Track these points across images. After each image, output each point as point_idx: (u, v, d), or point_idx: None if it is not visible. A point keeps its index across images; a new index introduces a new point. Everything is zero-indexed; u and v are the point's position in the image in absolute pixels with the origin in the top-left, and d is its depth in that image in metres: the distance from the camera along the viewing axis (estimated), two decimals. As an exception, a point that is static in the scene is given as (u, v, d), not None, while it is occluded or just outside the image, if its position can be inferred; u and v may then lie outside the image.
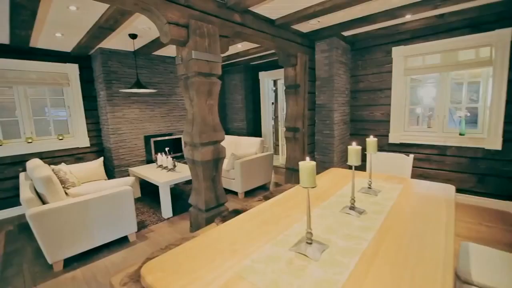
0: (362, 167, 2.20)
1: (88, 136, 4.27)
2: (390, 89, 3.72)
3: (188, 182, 4.36)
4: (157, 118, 4.59)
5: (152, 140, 4.52)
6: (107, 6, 2.38)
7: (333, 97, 3.57)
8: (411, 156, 2.36)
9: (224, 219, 2.00)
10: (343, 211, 1.46)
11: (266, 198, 2.51)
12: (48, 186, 2.24)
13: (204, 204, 2.24)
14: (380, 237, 1.18)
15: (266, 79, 5.50)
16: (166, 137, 4.72)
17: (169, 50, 4.18)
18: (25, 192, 2.26)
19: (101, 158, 3.78)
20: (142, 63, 4.30)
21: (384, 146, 3.83)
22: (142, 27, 3.04)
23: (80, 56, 4.09)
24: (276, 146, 5.98)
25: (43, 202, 2.32)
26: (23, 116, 3.71)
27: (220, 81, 2.27)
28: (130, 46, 3.82)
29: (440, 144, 3.41)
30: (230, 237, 1.24)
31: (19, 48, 3.49)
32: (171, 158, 3.73)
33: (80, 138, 4.18)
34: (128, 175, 4.26)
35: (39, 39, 3.30)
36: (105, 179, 3.74)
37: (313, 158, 3.87)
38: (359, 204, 1.54)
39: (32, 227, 2.09)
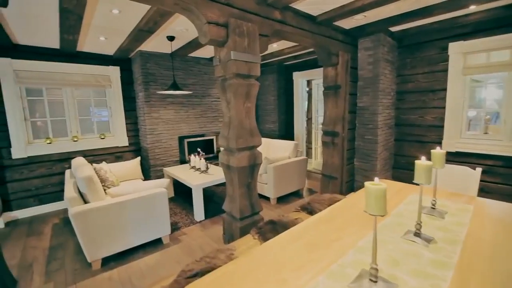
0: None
1: (127, 136, 4.44)
2: (444, 90, 3.30)
3: (220, 184, 4.31)
4: (190, 119, 4.63)
5: (185, 140, 4.56)
6: (147, 8, 2.38)
7: (378, 98, 3.26)
8: (479, 170, 2.01)
9: (260, 231, 1.87)
10: (406, 238, 1.24)
11: (304, 208, 2.33)
12: (89, 185, 2.30)
13: (238, 212, 2.13)
14: (462, 278, 0.95)
15: (300, 79, 5.28)
16: (199, 138, 4.74)
17: (204, 52, 4.17)
18: (69, 191, 2.35)
19: (138, 158, 3.89)
20: (178, 65, 4.36)
21: (436, 154, 3.41)
22: (179, 29, 3.03)
23: (121, 59, 4.26)
24: (308, 149, 5.72)
25: (85, 200, 2.39)
26: (70, 116, 3.95)
27: (259, 83, 2.14)
28: (167, 48, 3.87)
29: (507, 155, 2.93)
30: (274, 261, 1.10)
31: (68, 52, 3.71)
32: (204, 160, 3.70)
33: (120, 138, 4.36)
34: (163, 175, 4.34)
35: (85, 43, 3.47)
36: (142, 178, 3.84)
37: (352, 164, 3.59)
38: (424, 228, 1.30)
39: (74, 225, 2.15)
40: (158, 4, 1.73)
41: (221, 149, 4.61)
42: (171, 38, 3.33)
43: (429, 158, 1.31)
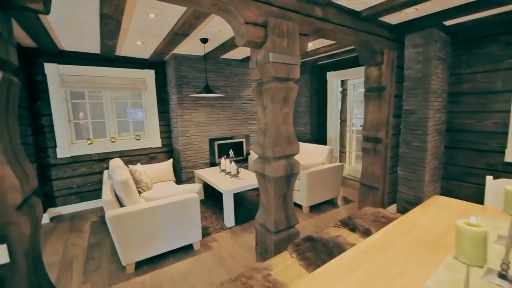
0: (463, 191, 1.63)
1: (160, 137, 4.53)
2: (509, 92, 2.85)
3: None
4: (221, 121, 4.59)
5: (216, 143, 4.54)
6: (182, 11, 2.35)
7: (427, 101, 2.91)
8: None
9: (299, 249, 1.71)
10: (488, 279, 1.00)
11: (344, 224, 2.12)
12: (125, 189, 2.32)
13: (273, 224, 1.99)
14: None
15: (334, 79, 5.00)
16: (229, 141, 4.70)
17: (236, 53, 4.10)
18: (106, 193, 2.40)
19: (171, 160, 3.93)
20: (209, 67, 4.34)
21: (498, 166, 2.96)
22: (213, 31, 2.98)
23: (156, 62, 4.35)
24: (341, 153, 5.40)
25: (120, 203, 2.42)
26: (109, 118, 4.11)
27: (298, 86, 1.98)
28: (199, 50, 3.86)
29: None
30: (325, 298, 0.94)
31: (107, 57, 3.86)
32: (235, 164, 3.62)
33: (154, 139, 4.46)
34: (193, 177, 4.36)
35: (123, 48, 3.57)
36: (174, 180, 3.88)
37: (394, 174, 3.26)
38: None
39: (110, 228, 2.18)
40: (195, 5, 1.65)
41: (251, 151, 4.53)
42: (204, 41, 3.29)
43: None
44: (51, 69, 3.52)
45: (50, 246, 2.84)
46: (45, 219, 3.50)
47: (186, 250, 2.62)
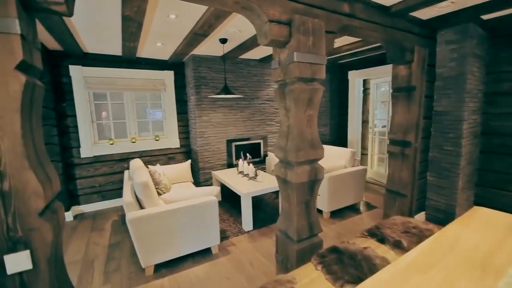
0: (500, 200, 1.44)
1: (179, 138, 4.55)
2: (559, 90, 2.57)
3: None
4: (238, 122, 4.54)
5: (233, 144, 4.50)
6: (202, 11, 2.31)
7: (462, 102, 2.69)
8: None
9: (324, 261, 1.61)
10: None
11: (372, 234, 1.99)
12: (144, 191, 2.31)
13: (295, 233, 1.89)
14: None
15: (356, 78, 4.80)
16: (247, 142, 4.64)
17: (254, 53, 4.03)
18: (126, 195, 2.41)
19: (189, 161, 3.94)
20: (228, 67, 4.30)
21: (543, 172, 2.69)
22: (232, 31, 2.92)
23: (175, 63, 4.37)
24: (363, 155, 5.19)
25: (140, 204, 2.42)
26: (130, 118, 4.18)
27: (323, 87, 1.87)
28: (218, 51, 3.83)
29: None
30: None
31: (128, 59, 3.92)
32: (253, 166, 3.56)
33: (172, 139, 4.49)
34: (211, 178, 4.34)
35: (143, 50, 3.61)
36: (192, 181, 3.87)
37: (424, 180, 3.05)
38: None
39: (130, 230, 2.18)
40: (218, 4, 1.60)
41: (269, 153, 4.44)
42: (223, 41, 3.24)
43: None
44: (75, 71, 3.62)
45: (73, 245, 2.91)
46: (69, 216, 3.61)
47: (204, 253, 2.58)
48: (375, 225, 2.15)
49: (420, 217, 3.09)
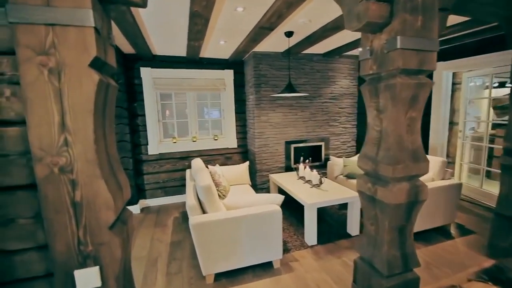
0: None
1: (236, 138, 4.48)
2: None
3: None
4: (298, 122, 4.23)
5: (292, 146, 4.21)
6: (272, 2, 2.08)
7: None
8: None
9: (435, 314, 1.21)
10: None
11: (496, 280, 1.47)
12: (207, 195, 2.21)
13: (385, 265, 1.51)
14: None
15: (445, 71, 3.98)
16: (307, 144, 4.29)
17: (319, 47, 3.65)
18: (189, 197, 2.34)
19: (247, 163, 3.80)
20: (289, 64, 4.01)
21: None
22: (301, 21, 2.63)
23: (235, 62, 4.29)
24: (448, 163, 4.30)
25: (202, 207, 2.33)
26: (191, 118, 4.26)
27: (433, 81, 1.44)
28: (280, 47, 3.59)
29: None
30: None
31: (192, 59, 3.97)
32: (316, 171, 3.21)
33: (230, 139, 4.44)
34: (268, 181, 4.14)
35: (206, 49, 3.58)
36: (249, 184, 3.73)
37: (557, 203, 2.26)
38: None
39: (192, 235, 2.09)
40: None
41: (331, 157, 4.00)
42: (289, 34, 2.97)
43: None
44: (146, 73, 3.82)
45: (140, 239, 3.03)
46: (136, 209, 3.84)
47: (265, 267, 2.37)
48: (494, 265, 1.61)
49: (549, 253, 2.30)
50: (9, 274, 0.94)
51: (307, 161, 4.04)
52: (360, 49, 1.60)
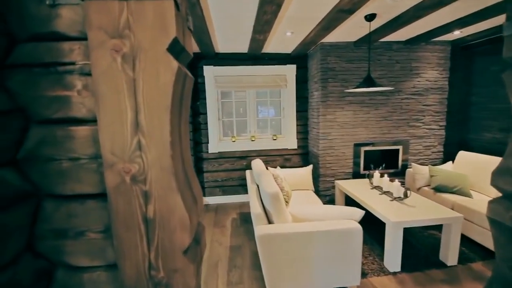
0: None
1: (296, 138, 4.17)
2: None
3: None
4: (371, 122, 3.68)
5: (362, 149, 3.69)
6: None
7: None
8: None
9: None
10: None
11: None
12: (275, 204, 1.97)
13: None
14: None
15: None
16: (379, 147, 3.72)
17: (401, 33, 3.06)
18: (254, 205, 2.15)
19: (310, 167, 3.46)
20: (362, 54, 3.51)
21: None
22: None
23: (298, 56, 3.97)
24: None
25: (267, 215, 2.11)
26: (250, 116, 4.12)
27: None
28: (353, 35, 3.14)
29: None
30: None
31: (253, 55, 3.81)
32: (398, 181, 2.68)
33: (290, 140, 4.15)
34: (332, 187, 3.73)
35: (270, 43, 3.35)
36: (312, 190, 3.38)
37: None
38: None
39: (258, 247, 1.88)
40: None
41: (413, 164, 3.30)
42: (370, 17, 2.52)
43: None
44: (208, 71, 3.80)
45: (200, 239, 2.98)
46: (197, 207, 3.86)
47: (339, 292, 2.02)
48: None
49: None
50: (78, 294, 0.83)
51: (380, 167, 3.49)
52: (506, 24, 1.12)
